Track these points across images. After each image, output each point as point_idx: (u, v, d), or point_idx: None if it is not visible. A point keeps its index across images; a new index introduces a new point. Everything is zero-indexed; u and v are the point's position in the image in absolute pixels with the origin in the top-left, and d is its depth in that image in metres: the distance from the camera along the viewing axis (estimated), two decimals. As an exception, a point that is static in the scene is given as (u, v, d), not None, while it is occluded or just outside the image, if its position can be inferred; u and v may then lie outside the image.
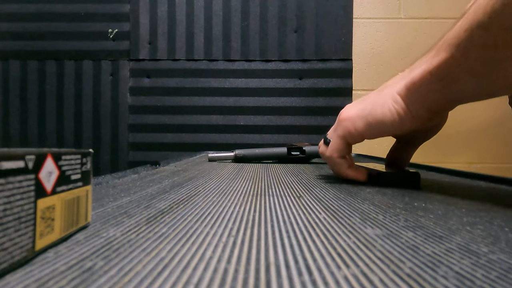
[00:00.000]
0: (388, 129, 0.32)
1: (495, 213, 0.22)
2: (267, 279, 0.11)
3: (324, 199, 0.26)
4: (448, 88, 0.28)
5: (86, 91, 1.29)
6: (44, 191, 0.13)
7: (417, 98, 0.30)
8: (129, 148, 1.29)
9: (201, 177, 0.39)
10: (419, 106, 0.30)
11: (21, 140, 1.29)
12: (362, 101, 0.35)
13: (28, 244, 0.12)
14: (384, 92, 0.33)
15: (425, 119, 0.31)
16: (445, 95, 0.28)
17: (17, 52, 1.29)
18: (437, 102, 0.29)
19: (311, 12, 1.28)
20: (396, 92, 0.31)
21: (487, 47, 0.23)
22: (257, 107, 1.28)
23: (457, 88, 0.27)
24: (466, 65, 0.25)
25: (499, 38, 0.22)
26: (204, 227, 0.18)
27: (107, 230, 0.17)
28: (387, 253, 0.14)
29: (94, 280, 0.11)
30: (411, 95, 0.30)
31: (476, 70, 0.25)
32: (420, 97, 0.30)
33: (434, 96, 0.29)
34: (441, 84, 0.28)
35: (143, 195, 0.27)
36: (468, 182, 0.39)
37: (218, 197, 0.27)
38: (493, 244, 0.15)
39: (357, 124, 0.34)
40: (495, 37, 0.23)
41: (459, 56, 0.26)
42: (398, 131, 0.32)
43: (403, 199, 0.27)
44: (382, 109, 0.32)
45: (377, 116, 0.32)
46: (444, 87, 0.28)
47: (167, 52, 1.29)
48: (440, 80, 0.28)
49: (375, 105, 0.33)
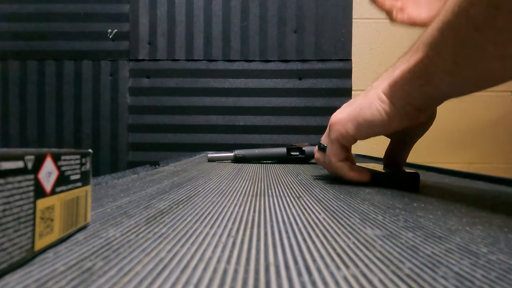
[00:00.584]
0: (378, 129, 0.33)
1: (494, 214, 0.22)
2: (266, 280, 0.11)
3: (324, 200, 0.26)
4: (427, 86, 0.28)
5: (86, 91, 1.29)
6: (43, 192, 0.13)
7: (400, 96, 0.31)
8: (128, 148, 1.29)
9: (200, 178, 0.39)
10: (404, 103, 0.31)
11: (20, 140, 1.29)
12: (350, 104, 0.36)
13: (27, 244, 0.12)
14: (370, 93, 0.34)
15: (412, 116, 0.31)
16: (425, 92, 0.29)
17: (16, 52, 1.29)
18: (420, 99, 0.30)
19: (310, 12, 1.28)
20: (382, 92, 0.32)
21: (457, 46, 0.24)
22: (256, 107, 1.28)
23: (434, 85, 0.28)
24: (440, 64, 0.26)
25: (468, 37, 0.23)
26: (204, 227, 0.18)
27: (106, 230, 0.17)
28: (386, 254, 0.14)
29: (93, 281, 0.11)
30: (394, 94, 0.31)
31: (449, 68, 0.26)
32: (403, 95, 0.31)
33: (416, 94, 0.30)
34: (420, 82, 0.29)
35: (142, 196, 0.27)
36: (468, 182, 0.39)
37: (217, 197, 0.27)
38: (492, 245, 0.15)
39: (347, 126, 0.34)
40: (464, 36, 0.23)
41: (433, 55, 0.26)
42: (388, 130, 0.33)
43: (402, 200, 0.27)
44: (370, 109, 0.33)
45: (366, 117, 0.33)
46: (423, 85, 0.29)
47: (167, 52, 1.29)
48: (418, 79, 0.29)
49: (363, 107, 0.33)
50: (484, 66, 0.24)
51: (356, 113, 0.34)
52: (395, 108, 0.31)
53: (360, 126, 0.33)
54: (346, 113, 0.35)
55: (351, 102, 0.36)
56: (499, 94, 1.26)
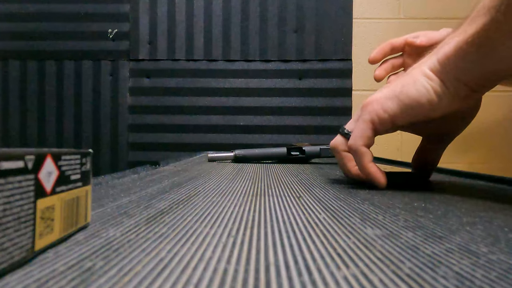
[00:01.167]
0: (425, 110, 0.28)
1: (494, 213, 0.22)
2: (266, 279, 0.11)
3: (324, 199, 0.26)
4: (487, 57, 0.25)
5: (86, 91, 1.29)
6: (43, 191, 0.13)
7: (453, 72, 0.27)
8: (129, 148, 1.29)
9: (201, 177, 0.39)
10: (456, 81, 0.27)
11: (20, 140, 1.29)
12: (387, 86, 0.31)
13: (27, 244, 0.12)
14: (412, 72, 0.29)
15: (462, 96, 0.27)
16: (483, 66, 0.26)
17: (16, 52, 1.29)
18: (475, 76, 0.26)
19: (311, 12, 1.28)
20: (428, 69, 0.28)
21: None
22: (256, 107, 1.28)
23: (497, 56, 0.25)
24: (508, 27, 0.23)
25: None
26: (204, 227, 0.18)
27: (106, 230, 0.17)
28: (386, 254, 0.14)
29: (93, 280, 0.11)
30: (446, 70, 0.27)
31: None
32: (456, 70, 0.27)
33: (472, 69, 0.26)
34: (479, 54, 0.25)
35: (142, 195, 0.27)
36: (468, 182, 0.39)
37: (218, 197, 0.27)
38: (492, 245, 0.15)
39: (387, 105, 0.29)
40: None
41: (501, 18, 0.23)
42: (435, 112, 0.28)
43: (402, 199, 0.27)
44: (415, 86, 0.28)
45: (411, 95, 0.28)
46: (483, 57, 0.25)
47: (167, 52, 1.29)
48: (477, 50, 0.25)
49: (406, 84, 0.29)
50: None
51: (397, 91, 0.29)
52: (445, 85, 0.27)
53: (404, 105, 0.28)
54: (383, 93, 0.30)
55: (388, 85, 0.31)
56: (500, 94, 1.26)
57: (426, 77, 0.28)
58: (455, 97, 0.27)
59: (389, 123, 0.30)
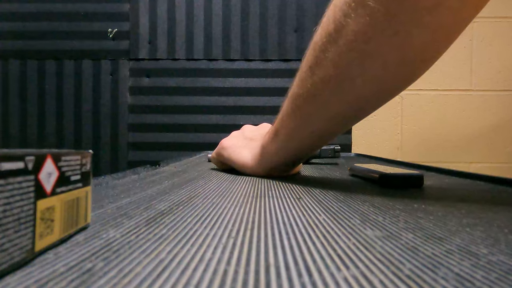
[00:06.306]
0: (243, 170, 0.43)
1: (495, 214, 0.22)
2: (266, 281, 0.11)
3: (324, 201, 0.26)
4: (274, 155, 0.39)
5: (86, 91, 1.29)
6: (43, 192, 0.13)
7: (264, 160, 0.40)
8: (129, 148, 1.29)
9: (201, 178, 0.39)
10: (267, 165, 0.40)
11: (20, 140, 1.29)
12: (239, 138, 0.46)
13: (27, 245, 0.12)
14: (251, 143, 0.43)
15: (276, 173, 0.41)
16: (280, 157, 0.39)
17: (17, 52, 1.29)
18: (278, 163, 0.40)
19: (311, 12, 1.28)
20: (258, 146, 0.41)
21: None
22: (257, 107, 1.28)
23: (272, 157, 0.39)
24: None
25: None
26: (204, 228, 0.18)
27: (106, 231, 0.17)
28: (387, 255, 0.14)
29: (93, 282, 0.11)
30: (262, 155, 0.40)
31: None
32: (265, 158, 0.40)
33: (273, 159, 0.40)
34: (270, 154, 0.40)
35: (143, 196, 0.27)
36: (468, 182, 0.39)
37: (218, 198, 0.27)
38: (492, 246, 0.15)
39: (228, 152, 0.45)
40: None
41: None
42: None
43: (402, 201, 0.27)
44: (244, 154, 0.43)
45: (239, 158, 0.43)
46: (273, 155, 0.39)
47: (167, 52, 1.29)
48: (265, 154, 0.40)
49: (242, 148, 0.44)
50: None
51: (236, 148, 0.44)
52: (261, 167, 0.41)
53: (230, 159, 0.44)
54: (239, 142, 0.46)
55: (240, 136, 0.47)
56: (499, 94, 1.26)
57: (254, 152, 0.42)
58: (268, 173, 0.41)
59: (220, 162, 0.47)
